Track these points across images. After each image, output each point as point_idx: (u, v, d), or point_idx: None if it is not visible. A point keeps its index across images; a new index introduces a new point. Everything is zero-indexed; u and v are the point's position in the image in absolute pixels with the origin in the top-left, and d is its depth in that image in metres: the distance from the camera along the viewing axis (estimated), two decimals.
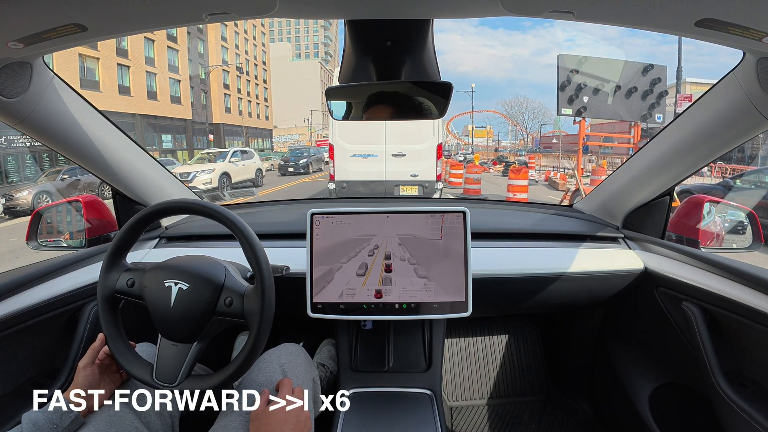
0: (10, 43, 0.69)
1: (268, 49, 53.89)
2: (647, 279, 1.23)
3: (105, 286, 0.85)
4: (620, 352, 1.42)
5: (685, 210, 1.34)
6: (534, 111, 56.88)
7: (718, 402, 0.96)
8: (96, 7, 0.62)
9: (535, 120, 56.22)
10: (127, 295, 0.85)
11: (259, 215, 1.64)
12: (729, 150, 1.01)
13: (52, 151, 1.08)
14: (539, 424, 1.62)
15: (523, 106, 57.37)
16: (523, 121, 57.03)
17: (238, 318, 0.83)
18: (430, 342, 1.32)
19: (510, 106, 59.67)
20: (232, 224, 0.83)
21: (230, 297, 0.82)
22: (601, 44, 66.46)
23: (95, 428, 0.79)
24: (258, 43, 49.27)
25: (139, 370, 0.82)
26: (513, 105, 59.47)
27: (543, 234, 1.38)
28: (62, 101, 0.97)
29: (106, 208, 1.38)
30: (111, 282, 0.85)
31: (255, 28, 47.58)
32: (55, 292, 1.01)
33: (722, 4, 0.56)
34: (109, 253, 0.86)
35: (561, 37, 77.28)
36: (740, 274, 0.95)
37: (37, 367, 1.01)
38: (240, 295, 0.83)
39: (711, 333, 1.01)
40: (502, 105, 63.30)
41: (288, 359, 1.01)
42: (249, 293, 0.83)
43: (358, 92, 0.93)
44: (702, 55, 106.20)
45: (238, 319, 0.83)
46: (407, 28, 0.80)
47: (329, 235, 1.07)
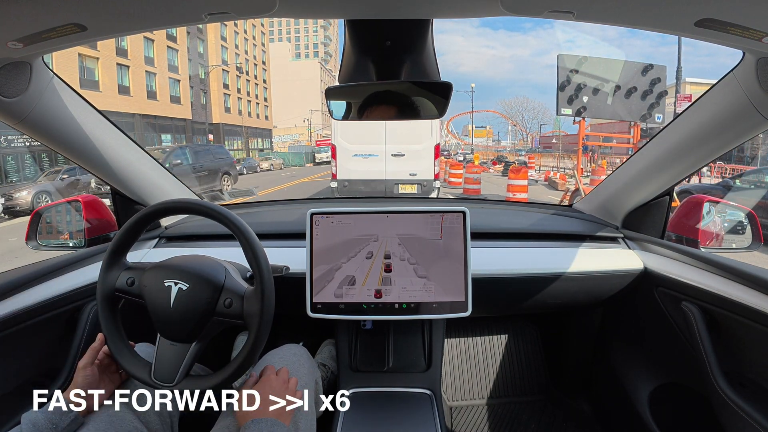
0: (10, 43, 0.69)
1: (267, 49, 53.89)
2: (647, 279, 1.23)
3: (105, 284, 0.85)
4: (620, 351, 1.42)
5: (685, 210, 1.34)
6: (534, 111, 56.72)
7: (718, 402, 0.96)
8: (95, 7, 0.62)
9: (534, 120, 56.05)
10: (126, 294, 0.85)
11: (259, 215, 1.64)
12: (728, 150, 1.01)
13: (52, 151, 1.07)
14: (539, 423, 1.62)
15: (523, 106, 57.24)
16: (522, 121, 56.67)
17: (237, 319, 0.83)
18: (429, 342, 1.32)
19: (510, 106, 59.37)
20: (232, 224, 0.83)
21: (230, 298, 0.82)
22: (601, 45, 66.28)
23: (95, 428, 0.79)
24: (258, 42, 49.20)
25: (138, 369, 0.82)
26: (513, 105, 59.31)
27: (543, 234, 1.38)
28: (62, 101, 0.97)
29: (105, 208, 1.38)
30: (111, 280, 0.85)
31: (255, 27, 47.50)
32: (54, 292, 1.01)
33: (722, 4, 0.56)
34: (109, 252, 0.86)
35: (561, 38, 77.22)
36: (740, 274, 0.95)
37: (36, 367, 1.01)
38: (240, 297, 0.83)
39: (710, 333, 1.01)
40: (502, 105, 64.62)
41: (291, 360, 1.01)
42: (249, 294, 0.83)
43: (357, 92, 0.93)
44: (700, 56, 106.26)
45: (237, 320, 0.83)
46: (407, 28, 0.80)
47: (329, 235, 1.07)
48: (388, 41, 0.83)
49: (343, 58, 0.90)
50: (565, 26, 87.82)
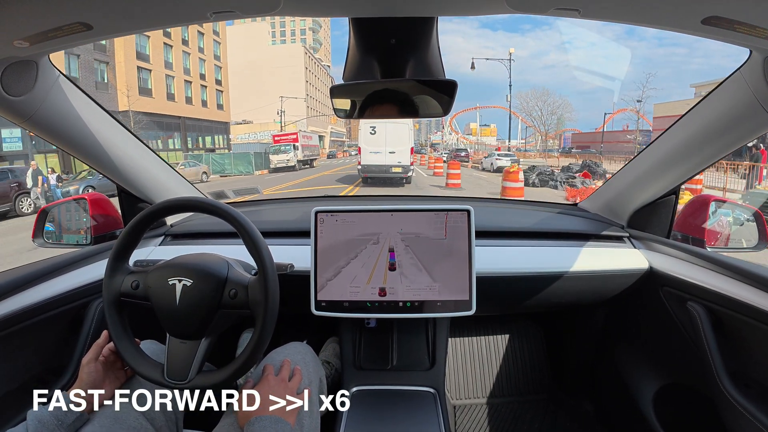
0: (16, 42, 0.69)
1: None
2: (652, 278, 1.22)
3: (110, 290, 0.85)
4: (624, 351, 1.42)
5: (691, 209, 1.33)
6: (553, 106, 49.84)
7: (723, 403, 0.95)
8: (101, 5, 0.62)
9: (553, 116, 50.62)
10: (132, 297, 0.85)
11: (264, 213, 1.64)
12: (735, 149, 1.00)
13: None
14: (542, 423, 1.62)
15: (542, 99, 49.76)
16: (541, 117, 49.75)
17: (243, 309, 0.83)
18: (433, 340, 1.32)
19: (525, 99, 51.28)
20: (232, 218, 0.83)
21: (234, 289, 0.83)
22: (599, 46, 65.47)
23: (100, 425, 0.80)
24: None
25: (150, 371, 0.83)
26: (529, 98, 51.00)
27: (547, 233, 1.37)
28: (68, 100, 0.97)
29: (111, 205, 1.38)
30: (116, 286, 0.85)
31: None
32: (60, 289, 1.02)
33: (729, 2, 0.56)
34: (112, 257, 0.87)
35: (558, 39, 77.12)
36: (746, 274, 0.94)
37: (43, 363, 1.01)
38: (244, 287, 0.84)
39: (716, 333, 1.00)
40: (516, 97, 51.73)
41: (295, 358, 1.02)
42: (253, 284, 0.84)
43: (362, 90, 0.93)
44: (697, 57, 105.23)
45: (243, 309, 0.83)
46: (412, 26, 0.80)
47: (333, 234, 1.07)
48: (393, 39, 0.83)
49: (348, 56, 0.90)
50: (562, 28, 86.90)
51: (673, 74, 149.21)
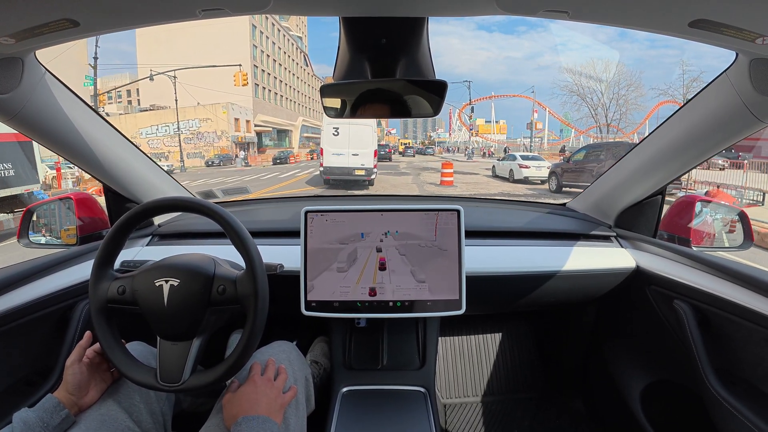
0: (2, 39, 0.68)
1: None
2: (639, 277, 1.24)
3: (97, 297, 0.83)
4: (613, 349, 1.43)
5: (677, 209, 1.36)
6: (631, 77, 30.20)
7: (709, 399, 0.97)
8: (88, 2, 0.61)
9: (622, 99, 28.67)
10: (120, 303, 0.83)
11: (253, 213, 1.63)
12: (721, 150, 1.02)
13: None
14: (532, 420, 1.63)
15: (621, 75, 29.37)
16: (600, 102, 28.34)
17: (233, 303, 0.83)
18: (423, 340, 1.32)
19: (577, 74, 29.27)
20: (219, 217, 0.82)
21: (222, 285, 0.82)
22: (593, 48, 65.85)
23: (86, 427, 0.78)
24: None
25: (143, 376, 0.81)
26: (583, 70, 29.36)
27: (536, 232, 1.38)
28: (54, 97, 0.96)
29: (98, 205, 1.36)
30: (102, 293, 0.83)
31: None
32: (46, 290, 1.00)
33: (716, 5, 0.56)
34: (96, 264, 0.84)
35: (553, 42, 77.84)
36: (730, 273, 0.96)
37: (29, 365, 1.00)
38: (232, 281, 0.83)
39: (702, 331, 1.02)
40: (568, 74, 32.27)
41: (280, 357, 1.01)
42: (241, 278, 0.83)
43: (353, 90, 0.93)
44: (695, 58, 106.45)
45: (233, 304, 0.83)
46: (402, 26, 0.80)
47: (323, 233, 1.07)
48: (383, 39, 0.83)
49: (338, 55, 0.90)
50: (558, 31, 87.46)
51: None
